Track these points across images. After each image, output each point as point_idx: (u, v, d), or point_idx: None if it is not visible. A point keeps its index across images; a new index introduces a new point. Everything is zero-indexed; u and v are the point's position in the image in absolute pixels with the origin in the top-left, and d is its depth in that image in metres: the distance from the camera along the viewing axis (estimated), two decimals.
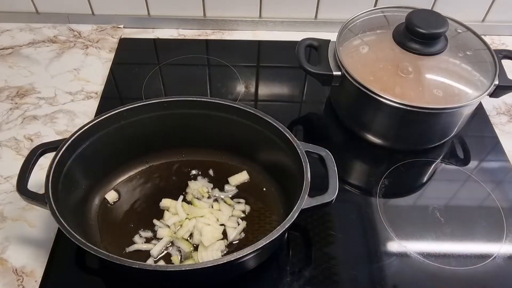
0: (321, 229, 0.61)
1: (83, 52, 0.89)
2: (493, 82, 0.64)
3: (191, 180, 0.64)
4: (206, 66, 0.86)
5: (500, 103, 0.80)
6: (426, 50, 0.65)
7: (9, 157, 0.70)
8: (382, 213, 0.63)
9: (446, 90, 0.64)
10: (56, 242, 0.59)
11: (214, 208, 0.61)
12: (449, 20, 0.67)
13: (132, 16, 0.94)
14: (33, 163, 0.54)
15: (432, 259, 0.58)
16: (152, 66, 0.85)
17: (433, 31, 0.64)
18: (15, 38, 0.91)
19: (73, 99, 0.79)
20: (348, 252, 0.59)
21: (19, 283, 0.55)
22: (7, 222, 0.62)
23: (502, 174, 0.70)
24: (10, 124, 0.75)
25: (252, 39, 0.93)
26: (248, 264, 0.54)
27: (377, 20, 0.73)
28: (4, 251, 0.59)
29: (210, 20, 0.94)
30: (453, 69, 0.66)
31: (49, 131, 0.74)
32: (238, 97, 0.80)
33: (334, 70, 0.67)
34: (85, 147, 0.57)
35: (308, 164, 0.52)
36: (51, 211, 0.48)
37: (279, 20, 0.93)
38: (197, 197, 0.62)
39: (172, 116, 0.62)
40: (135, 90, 0.81)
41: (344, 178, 0.68)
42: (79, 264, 0.57)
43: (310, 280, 0.56)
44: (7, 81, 0.82)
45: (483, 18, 0.93)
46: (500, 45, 0.93)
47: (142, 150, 0.65)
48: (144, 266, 0.46)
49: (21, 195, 0.51)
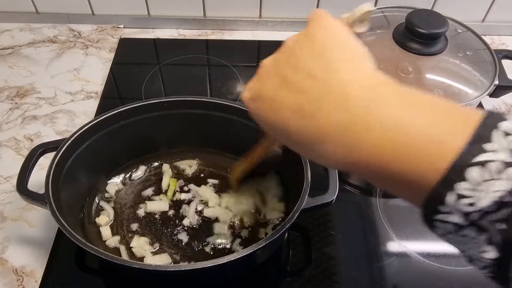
0: (321, 229, 0.61)
1: (83, 52, 0.89)
2: (493, 82, 0.64)
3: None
4: (206, 66, 0.86)
5: (500, 103, 0.80)
6: (426, 50, 0.65)
7: (9, 157, 0.70)
8: (382, 213, 0.63)
9: (446, 90, 0.64)
10: (56, 242, 0.59)
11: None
12: (449, 20, 0.67)
13: (132, 16, 0.94)
14: (33, 163, 0.54)
15: (432, 259, 0.58)
16: (152, 66, 0.85)
17: (433, 31, 0.64)
18: (15, 38, 0.91)
19: (73, 99, 0.79)
20: (348, 252, 0.59)
21: (19, 283, 0.55)
22: (7, 222, 0.62)
23: None
24: (10, 124, 0.75)
25: (252, 39, 0.93)
26: (249, 264, 0.54)
27: (377, 20, 0.73)
28: (4, 251, 0.59)
29: (210, 20, 0.94)
30: (453, 69, 0.66)
31: (49, 131, 0.74)
32: (238, 97, 0.80)
33: None
34: (85, 147, 0.57)
35: (308, 164, 0.52)
36: (51, 211, 0.48)
37: (279, 20, 0.93)
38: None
39: (172, 116, 0.61)
40: (135, 90, 0.81)
41: (344, 178, 0.68)
42: (79, 264, 0.57)
43: (310, 280, 0.56)
44: (7, 81, 0.82)
45: (483, 18, 0.93)
46: (500, 45, 0.93)
47: (142, 150, 0.65)
48: (144, 266, 0.46)
49: (21, 195, 0.51)
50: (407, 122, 0.26)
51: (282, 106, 0.32)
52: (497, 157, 0.23)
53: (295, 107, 0.31)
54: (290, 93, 0.31)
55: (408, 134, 0.26)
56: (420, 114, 0.26)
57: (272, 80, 0.33)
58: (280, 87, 0.32)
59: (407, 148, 0.26)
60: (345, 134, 0.28)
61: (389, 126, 0.27)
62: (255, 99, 0.34)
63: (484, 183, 0.23)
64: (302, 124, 0.30)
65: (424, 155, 0.25)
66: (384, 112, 0.27)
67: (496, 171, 0.23)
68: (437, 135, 0.25)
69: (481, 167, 0.23)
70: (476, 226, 0.24)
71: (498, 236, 0.23)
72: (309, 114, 0.30)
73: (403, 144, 0.26)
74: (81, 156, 0.57)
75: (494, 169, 0.23)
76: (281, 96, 0.32)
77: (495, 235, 0.23)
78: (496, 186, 0.23)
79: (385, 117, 0.27)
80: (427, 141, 0.25)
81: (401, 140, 0.26)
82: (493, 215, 0.23)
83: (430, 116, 0.26)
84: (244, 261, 0.46)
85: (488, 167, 0.23)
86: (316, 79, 0.31)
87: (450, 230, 0.25)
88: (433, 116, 0.26)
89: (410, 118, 0.26)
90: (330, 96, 0.29)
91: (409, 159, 0.26)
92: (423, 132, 0.25)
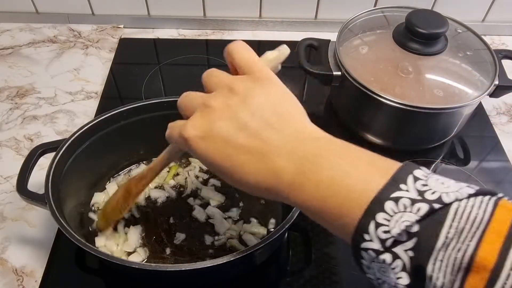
0: (321, 229, 0.60)
1: (83, 52, 0.89)
2: (493, 82, 0.64)
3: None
4: (206, 66, 0.86)
5: (500, 103, 0.80)
6: (426, 50, 0.65)
7: (9, 157, 0.70)
8: None
9: (446, 90, 0.64)
10: (56, 242, 0.59)
11: None
12: (449, 20, 0.67)
13: (132, 16, 0.94)
14: (33, 163, 0.54)
15: None
16: (152, 66, 0.85)
17: (433, 31, 0.64)
18: (15, 38, 0.91)
19: (73, 99, 0.79)
20: (348, 252, 0.58)
21: (19, 283, 0.55)
22: (7, 222, 0.62)
23: (502, 174, 0.70)
24: (10, 124, 0.75)
25: (252, 39, 0.93)
26: (248, 264, 0.54)
27: (377, 20, 0.73)
28: (4, 251, 0.59)
29: (210, 20, 0.94)
30: (453, 69, 0.66)
31: (49, 131, 0.74)
32: None
33: (334, 70, 0.67)
34: (85, 147, 0.57)
35: None
36: (51, 211, 0.48)
37: (279, 20, 0.93)
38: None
39: (172, 116, 0.60)
40: (135, 90, 0.80)
41: None
42: (79, 264, 0.57)
43: (310, 280, 0.56)
44: (7, 81, 0.82)
45: (483, 18, 0.93)
46: (500, 45, 0.93)
47: (142, 150, 0.65)
48: (144, 266, 0.46)
49: (21, 195, 0.51)
50: (343, 171, 0.31)
51: (239, 149, 0.33)
52: (407, 195, 0.28)
53: (253, 151, 0.33)
54: (249, 138, 0.33)
55: (343, 180, 0.31)
56: (353, 164, 0.31)
57: (225, 122, 0.34)
58: (236, 130, 0.34)
59: (340, 190, 0.30)
60: (295, 177, 0.32)
61: (328, 178, 0.31)
62: (204, 138, 0.34)
63: (396, 214, 0.28)
64: (257, 167, 0.33)
65: (354, 195, 0.30)
66: (327, 164, 0.32)
67: (406, 206, 0.28)
68: (364, 179, 0.30)
69: (395, 202, 0.28)
70: (391, 253, 0.28)
71: (409, 263, 0.28)
72: (267, 159, 0.33)
73: (337, 187, 0.31)
74: (81, 156, 0.57)
75: (404, 204, 0.28)
76: (239, 139, 0.33)
77: (407, 262, 0.28)
78: (405, 217, 0.27)
79: (329, 167, 0.31)
80: (354, 184, 0.30)
81: (336, 182, 0.31)
82: (404, 244, 0.28)
83: (361, 165, 0.31)
84: (244, 261, 0.46)
85: (400, 202, 0.28)
86: (273, 128, 0.34)
87: (372, 257, 0.29)
88: (362, 165, 0.31)
89: (347, 167, 0.31)
90: (286, 143, 0.33)
91: (342, 199, 0.30)
92: (355, 177, 0.30)
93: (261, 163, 0.33)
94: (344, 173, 0.31)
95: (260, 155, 0.33)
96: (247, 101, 0.34)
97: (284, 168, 0.32)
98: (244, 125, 0.34)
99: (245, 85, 0.35)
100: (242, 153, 0.33)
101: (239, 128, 0.34)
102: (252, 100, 0.34)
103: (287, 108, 0.35)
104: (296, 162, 0.32)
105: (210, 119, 0.35)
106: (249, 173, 0.34)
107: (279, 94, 0.36)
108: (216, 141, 0.34)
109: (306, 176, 0.32)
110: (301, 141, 0.33)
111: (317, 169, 0.32)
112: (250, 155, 0.33)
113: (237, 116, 0.34)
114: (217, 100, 0.36)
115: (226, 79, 0.37)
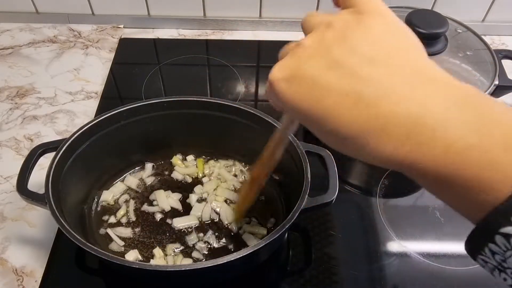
0: (321, 229, 0.61)
1: (83, 52, 0.89)
2: (493, 82, 0.64)
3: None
4: (206, 66, 0.86)
5: None
6: (426, 50, 0.65)
7: (9, 157, 0.70)
8: (382, 213, 0.63)
9: None
10: (56, 242, 0.59)
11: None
12: (449, 20, 0.67)
13: (132, 16, 0.94)
14: (33, 163, 0.54)
15: (432, 259, 0.58)
16: (152, 66, 0.85)
17: (433, 31, 0.64)
18: (15, 38, 0.91)
19: (73, 99, 0.79)
20: (348, 252, 0.59)
21: (19, 283, 0.55)
22: (7, 222, 0.62)
23: None
24: (10, 124, 0.75)
25: (252, 39, 0.93)
26: (249, 264, 0.54)
27: None
28: (4, 251, 0.59)
29: (210, 20, 0.94)
30: (453, 69, 0.66)
31: (49, 131, 0.74)
32: (238, 97, 0.80)
33: None
34: (85, 147, 0.57)
35: (308, 164, 0.52)
36: (51, 211, 0.48)
37: (279, 20, 0.93)
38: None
39: (172, 116, 0.61)
40: (135, 90, 0.81)
41: (344, 178, 0.68)
42: (79, 264, 0.57)
43: (310, 280, 0.56)
44: (7, 81, 0.82)
45: (483, 18, 0.93)
46: (500, 45, 0.93)
47: (142, 150, 0.65)
48: (144, 266, 0.46)
49: (21, 195, 0.51)
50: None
51: (329, 90, 0.28)
52: None
53: (349, 93, 0.27)
54: (343, 77, 0.27)
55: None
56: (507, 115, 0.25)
57: (316, 60, 0.29)
58: (327, 69, 0.28)
59: (481, 153, 0.24)
60: (412, 128, 0.25)
61: (466, 131, 0.24)
62: (289, 80, 0.29)
63: None
64: (353, 114, 0.27)
65: (503, 164, 0.23)
66: (463, 117, 0.25)
67: None
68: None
69: None
70: None
71: None
72: (368, 102, 0.26)
73: (478, 148, 0.24)
74: (81, 156, 0.57)
75: None
76: (329, 79, 0.28)
77: None
78: None
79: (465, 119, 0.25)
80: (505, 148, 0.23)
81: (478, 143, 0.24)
82: None
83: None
84: (244, 261, 0.46)
85: None
86: (379, 65, 0.27)
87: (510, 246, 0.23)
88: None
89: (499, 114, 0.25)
90: (399, 84, 0.26)
91: (483, 165, 0.24)
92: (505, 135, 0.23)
93: (356, 107, 0.27)
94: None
95: (356, 98, 0.27)
96: (344, 36, 0.29)
97: (391, 117, 0.26)
98: (337, 62, 0.28)
99: (345, 19, 0.30)
100: (333, 96, 0.27)
101: (330, 67, 0.28)
102: (351, 34, 0.28)
103: (398, 44, 0.29)
104: (418, 108, 0.26)
105: (298, 58, 0.29)
106: (341, 121, 0.27)
107: (388, 28, 0.29)
108: (303, 82, 0.29)
109: (428, 128, 0.25)
110: (421, 84, 0.27)
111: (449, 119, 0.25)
112: (342, 98, 0.27)
113: (331, 53, 0.28)
114: (310, 38, 0.30)
115: (325, 17, 0.31)
